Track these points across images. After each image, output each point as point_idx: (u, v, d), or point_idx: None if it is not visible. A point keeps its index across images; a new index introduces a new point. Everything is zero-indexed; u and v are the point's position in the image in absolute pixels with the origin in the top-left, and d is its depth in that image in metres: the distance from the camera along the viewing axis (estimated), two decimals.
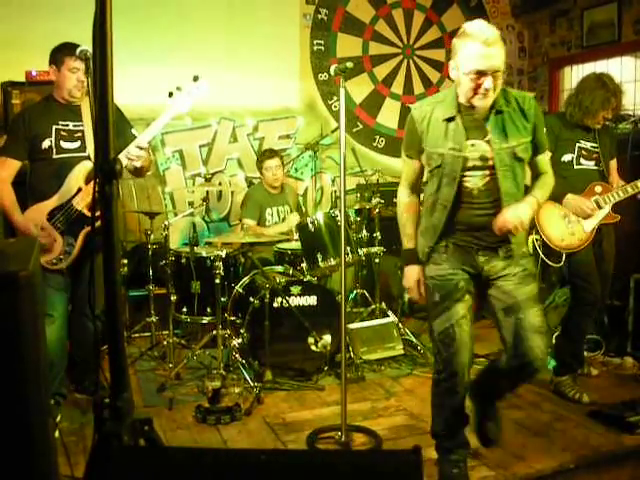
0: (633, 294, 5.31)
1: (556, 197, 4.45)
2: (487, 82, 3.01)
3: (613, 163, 4.67)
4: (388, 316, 5.36)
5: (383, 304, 5.51)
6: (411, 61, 7.16)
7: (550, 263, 4.56)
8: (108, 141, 1.93)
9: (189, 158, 6.38)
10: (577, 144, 4.50)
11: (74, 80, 3.87)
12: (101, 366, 2.27)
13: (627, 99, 6.60)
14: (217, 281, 4.59)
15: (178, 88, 3.82)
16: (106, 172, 1.91)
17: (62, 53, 3.86)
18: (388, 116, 7.11)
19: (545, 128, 4.56)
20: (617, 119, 6.10)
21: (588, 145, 4.52)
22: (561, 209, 4.46)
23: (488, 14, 7.50)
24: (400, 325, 5.32)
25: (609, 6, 6.48)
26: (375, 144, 7.06)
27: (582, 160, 4.51)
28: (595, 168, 4.52)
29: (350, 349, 4.90)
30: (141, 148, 3.77)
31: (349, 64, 3.54)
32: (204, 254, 4.97)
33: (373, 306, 5.51)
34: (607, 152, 4.57)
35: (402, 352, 5.14)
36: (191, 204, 6.26)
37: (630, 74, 6.69)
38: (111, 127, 1.93)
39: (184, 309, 5.11)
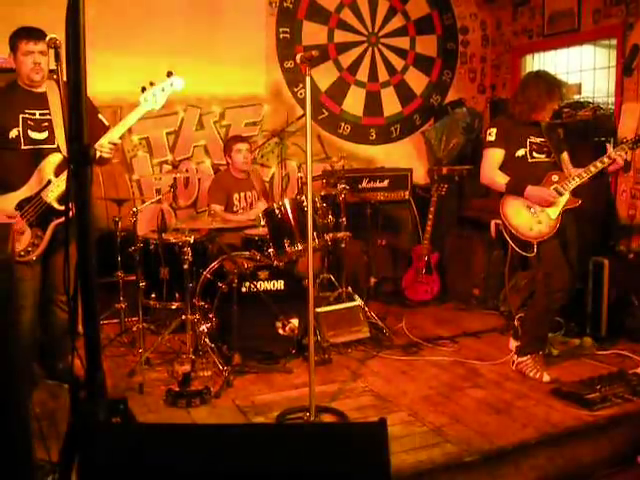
0: (592, 276, 5.45)
1: (516, 191, 4.59)
2: None
3: (565, 156, 4.81)
4: (354, 300, 5.45)
5: (349, 288, 5.59)
6: (376, 49, 7.22)
7: (524, 253, 4.67)
8: (82, 127, 1.98)
9: (156, 145, 6.40)
10: (527, 139, 4.66)
11: (30, 63, 3.87)
12: (76, 349, 2.32)
13: (585, 87, 6.78)
14: (185, 267, 4.64)
15: (151, 83, 3.86)
16: (80, 158, 1.96)
17: (16, 38, 3.87)
18: (353, 103, 7.17)
19: (495, 128, 4.71)
20: (576, 106, 6.25)
21: (538, 140, 4.68)
22: (524, 201, 4.58)
23: (452, 3, 7.57)
24: (366, 308, 5.41)
25: None
26: (340, 131, 7.12)
27: (535, 154, 4.67)
28: (548, 160, 4.68)
29: (317, 332, 4.98)
30: (114, 144, 3.81)
31: (314, 52, 3.59)
32: (172, 240, 5.01)
33: (339, 290, 5.59)
34: (555, 145, 4.73)
35: (368, 335, 5.23)
36: (158, 191, 6.29)
37: (589, 62, 6.83)
38: (84, 113, 1.98)
39: (153, 295, 5.16)
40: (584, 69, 6.91)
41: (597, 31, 6.40)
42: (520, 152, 4.65)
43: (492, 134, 4.71)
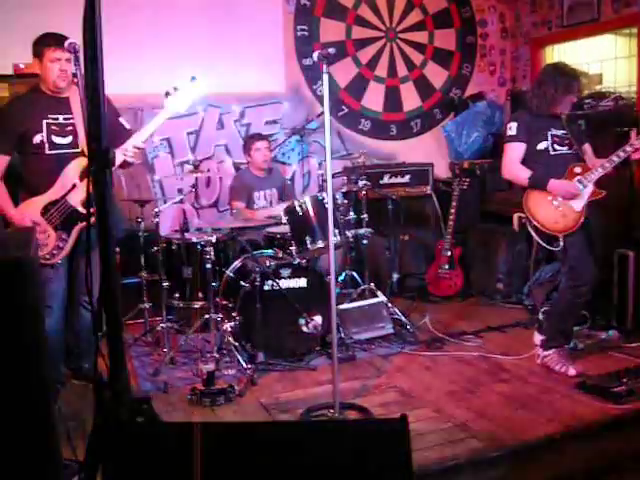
0: (617, 269, 5.41)
1: (539, 184, 4.56)
2: None
3: (587, 148, 4.78)
4: (377, 296, 5.45)
5: (372, 285, 5.60)
6: (394, 44, 7.21)
7: (550, 248, 4.64)
8: (101, 131, 2.00)
9: (177, 145, 6.43)
10: (549, 132, 4.62)
11: (56, 71, 3.90)
12: (100, 349, 2.34)
13: (607, 77, 6.72)
14: (208, 266, 4.67)
15: (175, 88, 3.89)
16: (100, 161, 1.98)
17: (41, 45, 3.90)
18: (373, 99, 7.17)
19: (516, 122, 4.67)
20: (598, 97, 6.20)
21: (559, 132, 4.64)
22: (547, 194, 4.55)
23: None
24: (389, 305, 5.40)
25: None
26: (361, 127, 7.12)
27: (556, 146, 4.63)
28: (570, 152, 4.63)
29: (341, 329, 5.00)
30: (138, 148, 3.85)
31: (332, 50, 3.59)
32: (194, 240, 5.04)
33: (362, 287, 5.60)
34: (576, 137, 4.68)
35: (392, 331, 5.23)
36: (180, 191, 6.32)
37: (610, 52, 6.77)
38: (103, 117, 2.00)
39: (176, 295, 5.19)
40: (605, 59, 6.85)
41: (617, 20, 6.34)
42: (542, 145, 4.62)
43: (512, 128, 4.67)
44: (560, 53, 7.23)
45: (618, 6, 6.25)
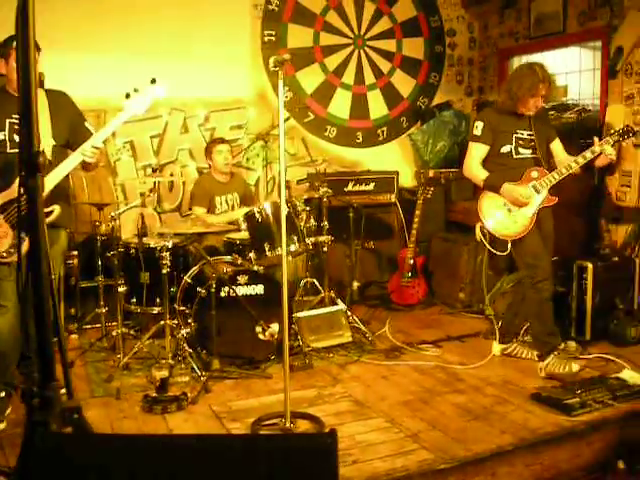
0: (576, 280, 5.42)
1: (492, 187, 4.58)
2: None
3: (556, 145, 4.79)
4: (337, 304, 5.42)
5: (332, 292, 5.57)
6: (362, 51, 7.20)
7: (497, 253, 4.66)
8: (32, 134, 1.95)
9: (140, 149, 6.37)
10: (514, 135, 4.66)
11: None
12: (33, 355, 2.29)
13: (571, 89, 6.77)
14: (164, 271, 4.61)
15: (135, 90, 3.86)
16: (29, 165, 1.93)
17: (7, 46, 3.86)
18: (339, 106, 7.15)
19: (482, 122, 4.69)
20: (562, 109, 6.24)
21: (525, 134, 4.67)
22: (501, 198, 4.58)
23: (438, 5, 7.55)
24: (349, 313, 5.38)
25: None
26: (327, 134, 7.09)
27: (520, 150, 4.66)
28: (532, 156, 4.68)
29: (299, 337, 4.96)
30: (97, 148, 3.81)
31: (286, 56, 3.58)
32: (152, 245, 4.98)
33: (322, 294, 5.57)
34: (543, 139, 4.72)
35: (350, 339, 5.20)
36: (142, 195, 6.26)
37: (575, 64, 6.82)
38: (34, 120, 1.96)
39: (133, 300, 5.14)
40: (570, 71, 6.89)
41: (582, 33, 6.38)
42: (505, 148, 4.65)
43: (478, 128, 4.69)
44: None
45: (583, 20, 6.29)
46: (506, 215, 4.59)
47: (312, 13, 6.93)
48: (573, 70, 6.82)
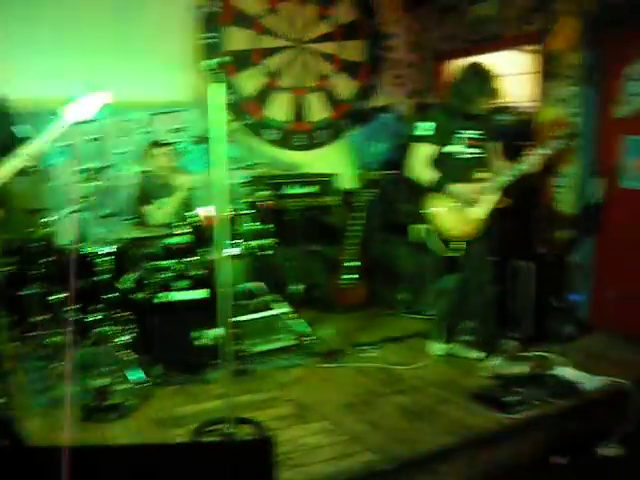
0: (513, 279, 5.52)
1: (442, 188, 4.63)
2: None
3: (497, 147, 4.87)
4: (279, 308, 5.41)
5: (274, 296, 5.56)
6: (302, 54, 7.20)
7: (451, 254, 4.70)
8: None
9: (79, 153, 6.25)
10: (462, 135, 4.71)
11: None
12: None
13: (508, 92, 6.86)
14: (103, 278, 4.55)
15: (73, 99, 3.80)
16: None
17: None
18: (279, 109, 7.14)
19: (430, 122, 4.73)
20: (498, 110, 6.32)
21: (473, 134, 4.72)
22: (451, 200, 4.62)
23: (378, 8, 7.60)
24: (290, 316, 5.36)
25: (491, 2, 6.67)
26: (266, 137, 7.07)
27: (468, 150, 4.72)
28: (479, 156, 4.75)
29: (240, 342, 4.93)
30: (33, 155, 3.74)
31: (217, 60, 3.55)
32: (90, 250, 4.90)
33: (264, 298, 5.55)
34: (490, 139, 4.82)
35: (292, 343, 5.19)
36: (81, 200, 6.15)
37: (512, 68, 6.91)
38: None
39: (72, 307, 5.04)
40: (506, 75, 6.98)
41: (518, 37, 6.48)
42: (452, 148, 4.70)
43: (425, 128, 4.71)
44: None
45: (519, 24, 6.39)
46: (457, 216, 4.63)
47: (251, 16, 6.90)
48: (509, 73, 6.91)
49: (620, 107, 5.46)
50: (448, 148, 4.70)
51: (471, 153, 4.73)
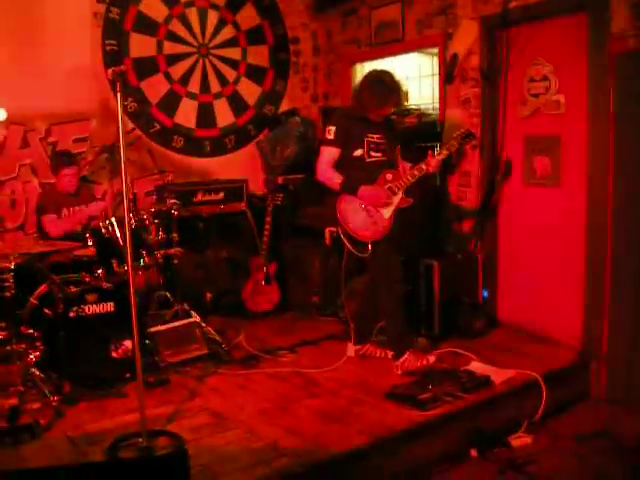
0: (424, 278, 5.63)
1: (350, 190, 4.69)
2: None
3: (398, 149, 4.98)
4: (191, 316, 5.37)
5: (185, 305, 5.51)
6: (207, 60, 7.17)
7: (359, 254, 4.75)
8: None
9: None
10: (365, 139, 4.79)
11: None
12: None
13: (411, 94, 7.01)
14: (8, 294, 4.41)
15: None
16: None
17: None
18: (186, 116, 7.09)
19: (334, 126, 4.78)
20: (403, 113, 6.45)
21: (375, 138, 4.81)
22: (359, 201, 4.69)
23: (282, 13, 7.63)
24: (203, 324, 5.33)
25: (393, 6, 6.78)
26: (174, 144, 7.01)
27: (372, 153, 4.80)
28: (384, 159, 4.85)
29: (154, 352, 4.88)
30: None
31: (123, 67, 3.53)
32: None
33: (176, 307, 5.50)
34: (392, 142, 4.91)
35: (206, 351, 5.13)
36: None
37: (415, 71, 7.06)
38: None
39: None
40: (410, 77, 7.13)
41: (420, 41, 6.61)
42: (357, 152, 4.78)
43: (330, 132, 4.77)
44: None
45: (420, 28, 6.51)
46: (365, 217, 4.70)
47: (155, 21, 6.83)
48: (413, 76, 7.06)
49: (522, 107, 5.63)
50: (355, 152, 4.77)
51: (376, 156, 4.81)
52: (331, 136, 4.77)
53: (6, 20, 6.00)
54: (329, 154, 4.79)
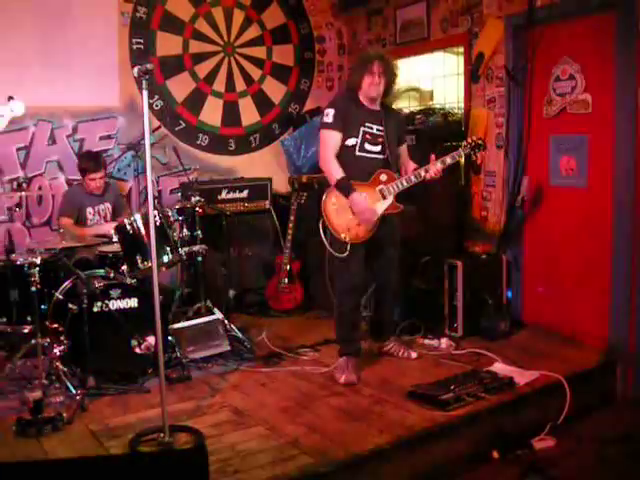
0: (447, 278, 5.61)
1: (344, 191, 4.56)
2: None
3: (403, 148, 4.89)
4: (214, 313, 5.38)
5: (208, 302, 5.53)
6: (232, 59, 7.20)
7: (335, 254, 4.68)
8: None
9: (5, 162, 6.13)
10: (362, 128, 4.60)
11: None
12: None
13: (437, 93, 6.98)
14: (34, 288, 4.46)
15: None
16: None
17: None
18: (211, 114, 7.12)
19: (333, 109, 4.63)
20: (428, 113, 6.43)
21: (374, 128, 4.64)
22: (348, 201, 4.56)
23: (307, 12, 7.65)
24: (226, 322, 5.34)
25: (419, 5, 6.78)
26: (199, 142, 7.05)
27: (367, 145, 4.62)
28: (381, 157, 4.66)
29: (176, 348, 4.91)
30: None
31: (150, 66, 3.51)
32: (20, 261, 4.80)
33: (199, 304, 5.52)
34: (393, 138, 4.71)
35: (228, 348, 5.16)
36: (9, 210, 6.04)
37: (440, 70, 7.03)
38: None
39: (3, 319, 4.95)
40: (435, 76, 7.10)
41: (445, 39, 6.59)
42: (351, 141, 4.60)
43: (329, 115, 4.59)
44: None
45: (446, 26, 6.50)
46: (351, 217, 4.57)
47: (181, 20, 6.87)
48: (438, 75, 7.03)
49: (547, 106, 5.58)
50: (348, 140, 4.59)
51: (370, 149, 4.64)
52: (329, 119, 4.57)
53: (35, 19, 6.06)
54: (331, 138, 4.58)
